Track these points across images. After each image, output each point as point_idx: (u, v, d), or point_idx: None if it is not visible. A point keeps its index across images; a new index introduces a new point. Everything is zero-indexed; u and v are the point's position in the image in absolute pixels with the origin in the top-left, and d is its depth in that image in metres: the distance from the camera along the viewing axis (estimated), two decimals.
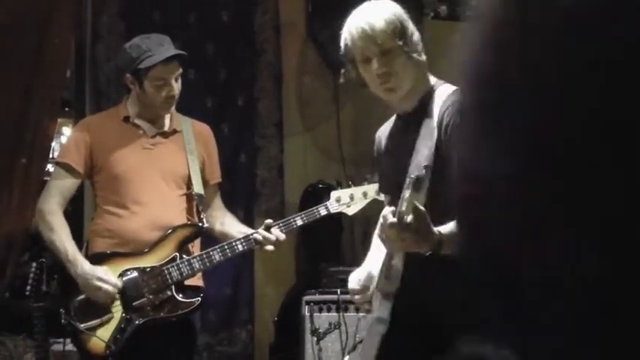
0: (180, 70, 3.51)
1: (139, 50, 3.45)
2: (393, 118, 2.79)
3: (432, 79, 2.63)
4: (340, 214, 3.67)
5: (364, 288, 2.63)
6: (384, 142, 2.78)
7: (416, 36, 2.57)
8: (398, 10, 2.57)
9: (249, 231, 3.51)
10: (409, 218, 2.17)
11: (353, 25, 2.55)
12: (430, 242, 2.23)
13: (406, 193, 2.17)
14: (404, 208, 2.16)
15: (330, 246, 5.05)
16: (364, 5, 2.60)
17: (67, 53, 4.54)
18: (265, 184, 5.23)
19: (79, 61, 5.01)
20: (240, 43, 5.18)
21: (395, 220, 2.19)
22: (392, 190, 2.69)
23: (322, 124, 5.31)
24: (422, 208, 2.19)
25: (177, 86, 3.50)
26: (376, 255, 2.79)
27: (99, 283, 3.30)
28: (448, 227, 2.27)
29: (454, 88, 2.55)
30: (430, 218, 2.27)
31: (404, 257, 2.45)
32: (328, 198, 3.61)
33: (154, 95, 3.47)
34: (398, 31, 2.52)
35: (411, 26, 2.56)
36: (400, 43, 2.52)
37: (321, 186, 4.90)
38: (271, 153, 5.24)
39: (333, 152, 5.25)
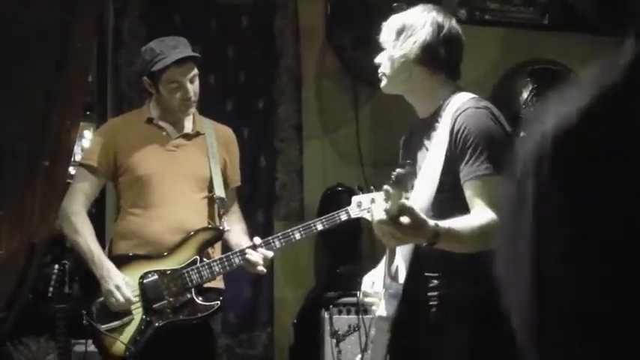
0: (196, 72, 3.48)
1: (153, 53, 3.45)
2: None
3: (452, 87, 2.70)
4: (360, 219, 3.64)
5: (376, 293, 2.70)
6: (407, 145, 2.85)
7: None
8: None
9: (248, 244, 3.44)
10: (395, 214, 2.21)
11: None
12: (424, 234, 2.27)
13: (390, 190, 2.21)
14: (389, 206, 2.20)
15: (349, 248, 5.05)
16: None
17: (89, 57, 4.56)
18: (285, 187, 5.24)
19: (101, 65, 5.04)
20: (260, 47, 5.20)
21: (384, 217, 2.22)
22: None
23: (341, 128, 5.32)
24: (407, 203, 2.22)
25: (192, 88, 3.46)
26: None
27: (113, 290, 3.31)
28: (447, 222, 2.33)
29: (470, 95, 2.64)
30: (440, 217, 2.35)
31: (409, 255, 2.52)
32: (347, 201, 3.55)
33: (169, 98, 3.47)
34: None
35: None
36: None
37: (340, 189, 4.91)
38: (291, 156, 5.25)
39: (352, 155, 5.26)
